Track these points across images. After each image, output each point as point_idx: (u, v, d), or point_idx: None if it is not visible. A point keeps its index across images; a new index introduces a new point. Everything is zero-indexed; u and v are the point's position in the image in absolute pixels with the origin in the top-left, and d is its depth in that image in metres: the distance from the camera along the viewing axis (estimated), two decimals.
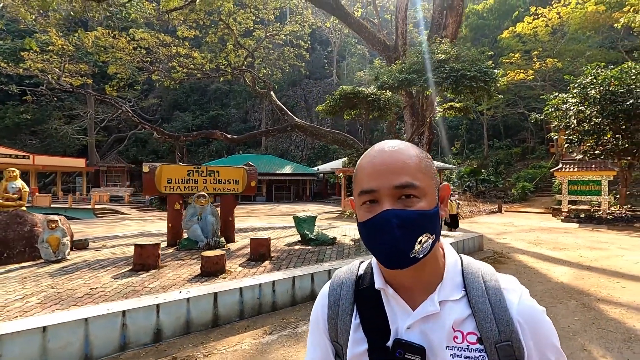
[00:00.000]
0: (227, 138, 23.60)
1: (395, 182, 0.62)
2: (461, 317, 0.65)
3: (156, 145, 45.58)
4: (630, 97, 13.58)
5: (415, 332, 0.65)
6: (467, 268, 0.71)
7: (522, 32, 27.43)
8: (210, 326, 4.21)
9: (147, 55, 26.08)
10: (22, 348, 3.20)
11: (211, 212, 6.57)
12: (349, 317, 0.72)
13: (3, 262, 5.52)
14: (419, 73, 6.63)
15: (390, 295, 0.69)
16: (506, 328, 0.62)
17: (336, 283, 0.78)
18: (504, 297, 0.65)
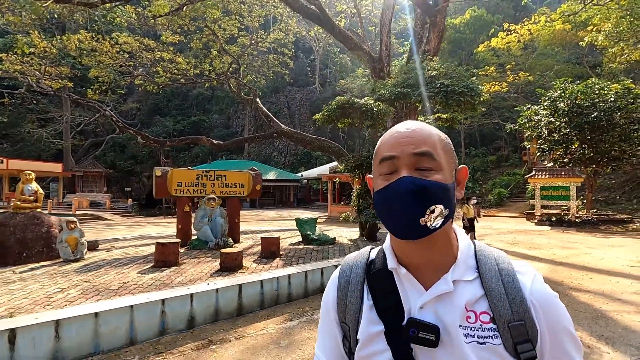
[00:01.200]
0: (214, 144, 23.78)
1: (415, 150, 0.65)
2: (474, 297, 0.65)
3: (135, 150, 44.81)
4: (595, 110, 14.94)
5: (429, 312, 0.66)
6: (480, 251, 0.72)
7: (496, 47, 29.16)
8: (235, 314, 4.67)
9: (130, 59, 26.00)
10: (78, 331, 3.58)
11: (220, 214, 7.00)
12: (359, 298, 0.72)
13: (23, 262, 5.75)
14: (412, 87, 7.39)
15: (403, 275, 0.69)
16: (519, 308, 0.63)
17: (346, 266, 0.79)
18: (517, 278, 0.66)
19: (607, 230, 13.92)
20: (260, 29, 33.12)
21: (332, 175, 19.42)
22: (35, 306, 3.89)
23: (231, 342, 4.04)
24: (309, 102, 44.43)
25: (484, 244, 0.75)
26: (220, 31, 25.13)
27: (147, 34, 33.61)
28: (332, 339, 0.77)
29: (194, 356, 3.71)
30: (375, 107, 8.60)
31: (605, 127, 14.97)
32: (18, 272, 5.24)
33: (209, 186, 7.27)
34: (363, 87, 38.45)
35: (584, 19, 23.12)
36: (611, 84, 16.47)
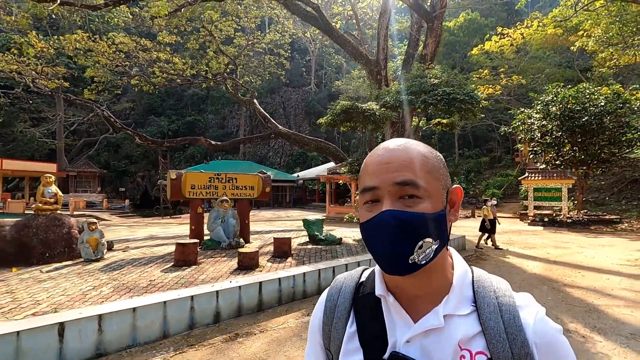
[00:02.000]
0: (212, 144, 24.04)
1: (396, 179, 0.60)
2: (469, 335, 0.60)
3: (130, 150, 44.69)
4: (585, 114, 15.54)
5: (416, 347, 0.61)
6: (479, 281, 0.66)
7: (490, 50, 29.80)
8: (256, 310, 5.00)
9: (126, 59, 26.05)
10: (118, 325, 3.88)
11: (232, 215, 7.31)
12: (343, 325, 0.69)
13: (46, 261, 5.99)
14: (416, 94, 7.79)
15: (391, 304, 0.65)
16: (520, 350, 0.57)
17: (335, 288, 0.75)
18: (518, 315, 0.61)
19: (597, 231, 14.50)
20: (256, 30, 33.35)
21: (330, 177, 19.78)
22: (74, 302, 4.18)
23: (256, 335, 4.36)
24: (305, 102, 44.76)
25: (483, 271, 0.69)
26: (217, 32, 25.26)
27: (142, 33, 33.60)
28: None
29: (224, 348, 4.03)
30: (378, 112, 8.98)
31: (595, 131, 15.58)
32: (45, 271, 5.50)
33: (221, 188, 7.57)
34: (358, 89, 38.87)
35: (574, 24, 23.78)
36: (601, 88, 17.12)
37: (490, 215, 10.19)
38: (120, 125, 23.08)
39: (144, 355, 3.83)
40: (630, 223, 15.54)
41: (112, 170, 43.79)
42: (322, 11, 20.42)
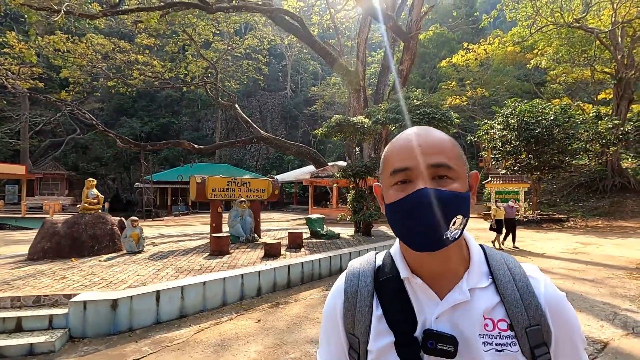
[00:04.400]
0: (195, 148, 24.85)
1: (431, 161, 0.64)
2: (491, 305, 0.66)
3: (100, 152, 43.90)
4: (538, 127, 18.04)
5: (445, 322, 0.65)
6: (491, 256, 0.72)
7: (457, 63, 32.60)
8: (286, 287, 6.41)
9: (103, 60, 26.29)
10: (194, 294, 5.18)
11: (249, 214, 8.62)
12: (369, 309, 0.71)
13: (95, 253, 7.05)
14: (401, 113, 9.45)
15: (418, 284, 0.69)
16: (535, 313, 0.64)
17: (353, 274, 0.77)
18: (530, 283, 0.67)
19: (548, 228, 16.94)
20: (234, 35, 34.36)
21: (313, 180, 21.26)
22: (152, 280, 5.40)
23: (292, 303, 5.78)
24: (281, 107, 45.98)
25: (492, 248, 0.75)
26: (196, 35, 25.99)
27: (119, 34, 33.61)
28: (338, 350, 0.75)
29: (272, 311, 5.41)
30: (367, 125, 10.60)
31: (547, 141, 18.11)
32: (104, 259, 6.59)
33: (237, 191, 8.85)
34: (334, 95, 40.68)
35: (530, 43, 26.79)
36: (552, 104, 19.82)
37: (499, 215, 10.59)
38: (102, 127, 23.36)
39: (214, 317, 5.15)
40: (575, 221, 18.21)
41: (81, 172, 42.78)
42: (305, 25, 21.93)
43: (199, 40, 26.30)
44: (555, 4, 22.19)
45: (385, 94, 21.27)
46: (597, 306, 5.43)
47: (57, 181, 39.70)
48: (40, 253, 6.77)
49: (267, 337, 4.46)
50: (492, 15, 25.18)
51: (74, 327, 4.32)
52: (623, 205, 20.02)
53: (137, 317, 4.61)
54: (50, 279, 5.35)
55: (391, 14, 17.40)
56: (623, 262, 8.56)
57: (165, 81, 28.96)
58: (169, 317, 4.90)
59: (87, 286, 5.01)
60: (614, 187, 21.77)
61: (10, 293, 4.68)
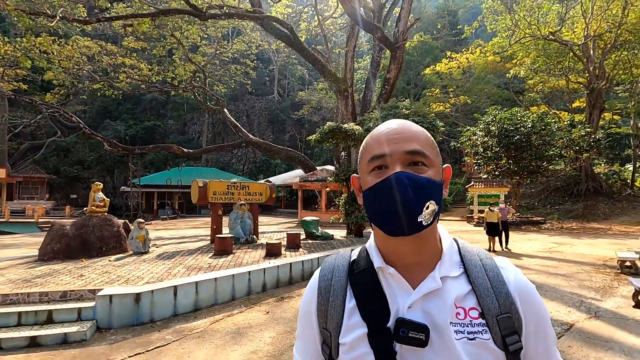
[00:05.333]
0: (184, 152, 25.10)
1: (406, 148, 0.67)
2: (462, 293, 0.67)
3: (82, 155, 43.25)
4: (517, 134, 19.11)
5: (417, 311, 0.67)
6: (464, 248, 0.75)
7: (440, 71, 33.83)
8: (288, 283, 6.93)
9: (88, 62, 26.26)
10: (207, 289, 5.65)
11: (248, 216, 9.10)
12: (341, 303, 0.72)
13: (103, 254, 7.40)
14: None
15: (391, 274, 0.70)
16: (505, 301, 0.66)
17: (327, 269, 0.78)
18: (500, 272, 0.70)
19: (526, 230, 17.96)
20: (222, 39, 34.67)
21: (302, 184, 21.80)
22: (166, 277, 5.84)
23: (295, 297, 6.30)
24: (268, 111, 46.39)
25: (465, 241, 0.78)
26: (184, 39, 26.22)
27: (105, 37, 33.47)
28: (312, 344, 0.77)
29: (277, 305, 5.92)
30: (357, 132, 11.25)
31: (525, 147, 19.19)
32: (113, 259, 6.97)
33: (236, 195, 9.32)
34: (321, 100, 41.40)
35: (510, 53, 28.15)
36: (530, 112, 21.00)
37: (492, 217, 10.67)
38: (90, 131, 23.31)
39: (225, 310, 5.63)
40: (552, 223, 19.33)
41: (62, 176, 42.05)
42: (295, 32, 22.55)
43: (187, 44, 26.51)
44: (533, 17, 23.54)
45: (372, 100, 22.08)
46: (566, 296, 6.17)
47: (38, 185, 38.94)
48: (50, 254, 7.08)
49: (278, 326, 4.99)
50: (473, 26, 26.41)
51: (101, 319, 4.74)
52: (596, 208, 21.32)
53: (158, 309, 5.06)
54: (69, 277, 5.72)
55: (379, 25, 18.20)
56: (592, 259, 9.44)
57: (153, 85, 29.02)
58: (185, 309, 5.36)
59: (107, 283, 5.42)
60: (588, 191, 23.11)
61: (37, 289, 5.06)
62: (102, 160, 43.25)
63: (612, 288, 6.61)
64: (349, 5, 15.50)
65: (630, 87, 25.64)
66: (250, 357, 4.08)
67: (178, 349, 4.29)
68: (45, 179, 38.55)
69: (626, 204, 21.48)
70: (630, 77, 24.26)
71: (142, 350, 4.25)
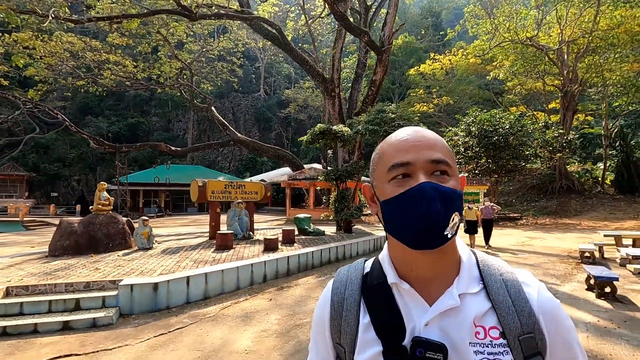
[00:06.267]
0: (172, 150, 25.34)
1: (432, 157, 0.64)
2: (482, 311, 0.64)
3: (62, 152, 42.65)
4: (496, 134, 20.28)
5: (434, 329, 0.64)
6: (483, 261, 0.71)
7: (424, 71, 34.96)
8: (286, 275, 7.62)
9: (72, 59, 26.15)
10: (215, 280, 6.30)
11: (245, 214, 9.72)
12: (355, 318, 0.70)
13: (110, 250, 7.92)
14: (379, 125, 10.90)
15: (405, 290, 0.68)
16: (528, 320, 0.62)
17: (340, 282, 0.77)
18: (523, 289, 0.66)
19: (504, 225, 19.14)
20: (208, 37, 34.79)
21: (291, 182, 22.44)
22: (177, 269, 6.45)
23: (293, 287, 7.01)
24: (254, 109, 46.69)
25: (484, 253, 0.74)
26: (170, 36, 26.36)
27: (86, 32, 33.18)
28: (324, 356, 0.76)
29: (279, 293, 6.61)
30: (347, 134, 12.00)
31: (503, 147, 20.40)
32: (122, 255, 7.51)
33: (233, 193, 9.92)
34: (307, 98, 42.01)
35: (490, 56, 29.44)
36: (508, 114, 22.22)
37: (470, 215, 10.88)
38: (75, 128, 23.28)
39: (232, 298, 6.28)
40: (527, 219, 20.61)
41: (42, 173, 41.39)
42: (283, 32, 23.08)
43: (173, 41, 26.62)
44: (511, 22, 24.79)
45: (358, 100, 22.84)
46: None
47: (17, 183, 38.30)
48: (60, 250, 7.56)
49: (281, 310, 5.68)
50: (456, 29, 27.53)
51: (123, 306, 5.34)
52: (568, 205, 22.78)
53: (173, 297, 5.68)
54: (86, 270, 6.26)
55: (365, 29, 18.96)
56: (558, 251, 10.49)
57: (138, 82, 29.01)
58: (196, 298, 5.99)
59: (124, 274, 5.99)
60: (561, 188, 24.60)
61: (62, 280, 5.60)
62: (83, 158, 42.79)
63: (571, 275, 7.59)
64: (338, 10, 16.18)
65: (601, 90, 27.27)
66: (261, 335, 4.77)
67: (196, 330, 4.94)
68: (25, 177, 37.97)
69: (596, 200, 23.02)
70: (601, 80, 25.81)
71: (164, 331, 4.88)
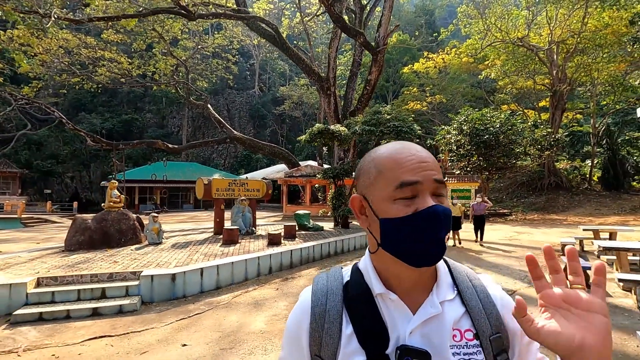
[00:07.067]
0: (169, 148, 25.70)
1: (435, 176, 0.67)
2: (458, 316, 0.70)
3: (55, 149, 42.61)
4: (487, 133, 21.00)
5: (417, 336, 0.67)
6: (454, 269, 0.77)
7: (418, 70, 35.63)
8: (289, 267, 8.21)
9: (67, 56, 26.32)
10: (225, 271, 6.86)
11: (248, 210, 10.27)
12: (337, 329, 0.71)
13: (122, 245, 8.42)
14: (375, 126, 11.49)
15: (392, 300, 0.70)
16: (496, 321, 0.70)
17: (320, 292, 0.76)
18: (489, 294, 0.74)
19: (494, 221, 19.92)
20: (203, 34, 34.95)
21: (288, 179, 22.98)
22: (190, 262, 6.99)
23: (297, 278, 7.60)
24: (249, 105, 47.01)
25: (451, 260, 0.79)
26: (165, 33, 26.59)
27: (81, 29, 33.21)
28: None
29: (284, 284, 7.20)
30: (344, 134, 12.58)
31: (494, 146, 21.13)
32: (134, 249, 8.02)
33: (237, 191, 10.46)
34: (302, 96, 42.46)
35: (482, 55, 30.17)
36: (499, 113, 22.97)
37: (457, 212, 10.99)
38: (72, 125, 23.53)
39: (242, 288, 6.85)
40: (517, 215, 21.44)
41: (35, 170, 41.35)
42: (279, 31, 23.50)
43: (167, 38, 26.82)
44: (503, 22, 25.52)
45: (354, 98, 23.42)
46: (515, 272, 7.78)
47: (9, 180, 38.27)
48: (75, 245, 8.05)
49: (288, 298, 6.27)
50: (449, 29, 28.17)
51: (144, 294, 5.88)
52: (556, 201, 23.67)
53: (189, 287, 6.24)
54: (105, 263, 6.78)
55: (361, 30, 19.49)
56: (543, 245, 11.20)
57: (134, 79, 29.21)
58: (210, 288, 6.55)
59: (143, 266, 6.53)
60: (550, 185, 25.50)
61: (86, 272, 6.12)
62: (77, 154, 42.80)
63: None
64: (334, 12, 16.69)
65: (590, 89, 28.17)
66: (272, 318, 5.36)
67: (213, 315, 5.51)
68: (18, 174, 37.93)
69: (583, 197, 23.95)
70: (590, 79, 26.68)
71: (185, 317, 5.44)
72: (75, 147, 42.78)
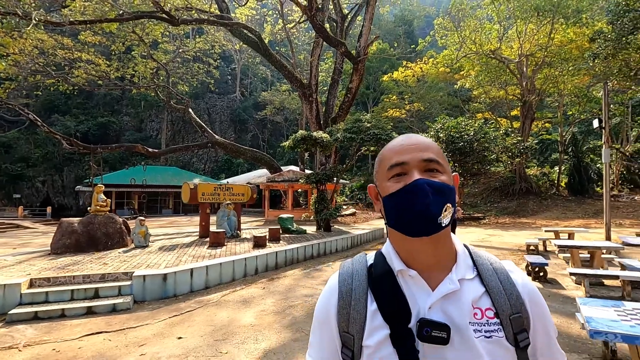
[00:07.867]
0: (149, 152, 25.59)
1: (423, 156, 0.75)
2: (477, 295, 0.75)
3: (26, 152, 41.32)
4: (462, 141, 22.03)
5: (437, 311, 0.72)
6: (475, 252, 0.83)
7: (397, 78, 36.75)
8: (274, 268, 8.61)
9: (42, 56, 25.88)
10: (214, 272, 7.21)
11: (233, 214, 10.60)
12: (363, 306, 0.77)
13: (109, 248, 8.60)
14: (356, 134, 12.06)
15: (411, 276, 0.76)
16: (516, 302, 0.74)
17: (346, 273, 0.84)
18: (510, 276, 0.78)
19: (468, 225, 20.88)
20: (184, 37, 34.92)
21: (269, 184, 23.30)
22: (179, 263, 7.29)
23: (282, 278, 8.01)
24: (230, 110, 47.02)
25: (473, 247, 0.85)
26: (145, 35, 26.52)
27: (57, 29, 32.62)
28: (331, 349, 0.81)
29: (270, 283, 7.59)
30: (326, 140, 13.11)
31: (468, 153, 22.17)
32: (122, 251, 8.23)
33: (222, 195, 10.77)
34: (284, 101, 42.89)
35: (458, 66, 31.49)
36: (473, 121, 24.12)
37: None
38: (48, 129, 23.11)
39: (230, 287, 7.21)
40: (490, 219, 22.52)
41: (3, 173, 39.95)
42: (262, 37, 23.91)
43: (147, 40, 26.69)
44: (477, 35, 26.84)
45: (335, 105, 24.07)
46: None
47: None
48: (62, 248, 8.19)
49: (274, 296, 6.68)
50: (426, 40, 29.33)
51: (137, 294, 6.16)
52: (526, 206, 24.97)
53: (179, 286, 6.55)
54: (95, 265, 7.00)
55: (342, 40, 20.18)
56: (511, 246, 12.06)
57: (112, 81, 28.88)
58: (199, 287, 6.88)
59: (133, 267, 6.79)
60: (521, 190, 26.84)
61: (78, 272, 6.34)
62: (49, 158, 41.62)
63: (518, 264, 9.00)
64: (317, 22, 17.28)
65: (557, 100, 29.89)
66: (261, 313, 5.76)
67: (204, 312, 5.86)
68: None
69: (551, 201, 25.35)
70: (557, 91, 28.33)
71: (177, 314, 5.76)
72: (47, 150, 41.61)
